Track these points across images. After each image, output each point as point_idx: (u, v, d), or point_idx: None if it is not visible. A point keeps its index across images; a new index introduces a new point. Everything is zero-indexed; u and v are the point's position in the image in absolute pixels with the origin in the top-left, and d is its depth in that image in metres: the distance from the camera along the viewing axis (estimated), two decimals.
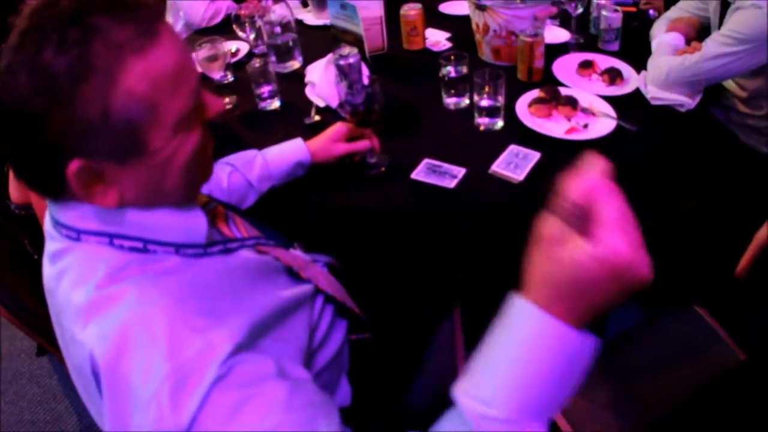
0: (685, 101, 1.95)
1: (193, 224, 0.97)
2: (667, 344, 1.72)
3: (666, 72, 1.92)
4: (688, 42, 2.10)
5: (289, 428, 0.78)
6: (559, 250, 0.71)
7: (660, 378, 1.60)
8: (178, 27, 2.97)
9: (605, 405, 1.58)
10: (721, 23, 2.01)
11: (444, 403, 1.55)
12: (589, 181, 0.73)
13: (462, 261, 1.73)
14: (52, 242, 0.95)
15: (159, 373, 0.76)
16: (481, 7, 2.11)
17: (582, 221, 0.70)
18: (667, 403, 1.56)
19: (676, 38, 2.10)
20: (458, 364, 1.80)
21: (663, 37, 2.11)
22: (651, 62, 2.04)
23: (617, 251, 0.66)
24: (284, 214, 1.61)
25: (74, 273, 0.89)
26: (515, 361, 0.72)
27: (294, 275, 1.15)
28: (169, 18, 3.03)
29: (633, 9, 2.72)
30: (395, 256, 1.66)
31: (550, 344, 0.72)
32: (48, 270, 0.96)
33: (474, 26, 2.23)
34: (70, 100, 0.77)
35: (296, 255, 1.23)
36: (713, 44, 1.86)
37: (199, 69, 2.12)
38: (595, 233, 0.68)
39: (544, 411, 0.73)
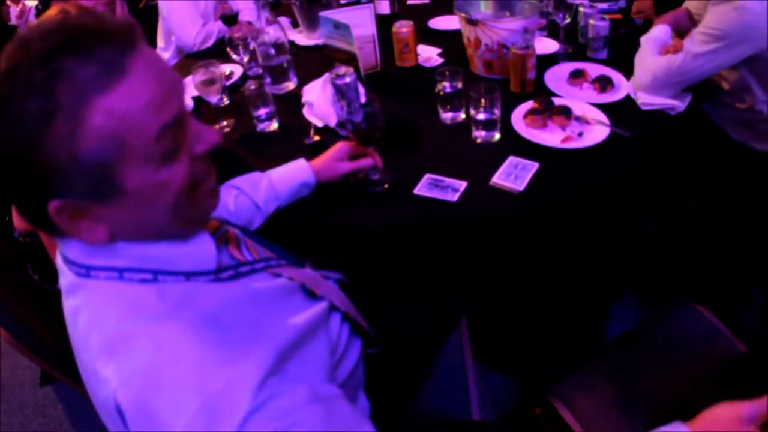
0: (675, 104, 2.00)
1: (201, 252, 0.98)
2: (669, 342, 1.75)
3: (652, 76, 1.98)
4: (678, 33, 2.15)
5: None
6: (743, 427, 0.94)
7: (665, 375, 1.63)
8: (170, 51, 3.00)
9: (613, 404, 1.61)
10: None
11: (451, 413, 1.59)
12: None
13: (467, 273, 1.76)
14: (64, 278, 0.96)
15: (189, 408, 0.77)
16: (473, 22, 2.16)
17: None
18: (673, 400, 1.58)
19: (663, 31, 2.15)
20: (468, 374, 1.84)
21: (650, 32, 2.17)
22: (638, 62, 2.09)
23: None
24: (290, 234, 1.64)
25: (89, 311, 0.90)
26: None
27: (309, 293, 1.16)
28: (161, 42, 3.07)
29: (619, 16, 2.78)
30: (401, 271, 1.70)
31: None
32: (64, 305, 0.96)
33: (465, 41, 2.27)
34: (40, 142, 0.76)
35: (308, 273, 1.25)
36: (692, 43, 1.90)
37: (196, 93, 2.16)
38: None
39: None
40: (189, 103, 2.24)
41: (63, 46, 0.76)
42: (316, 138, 1.98)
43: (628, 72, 2.16)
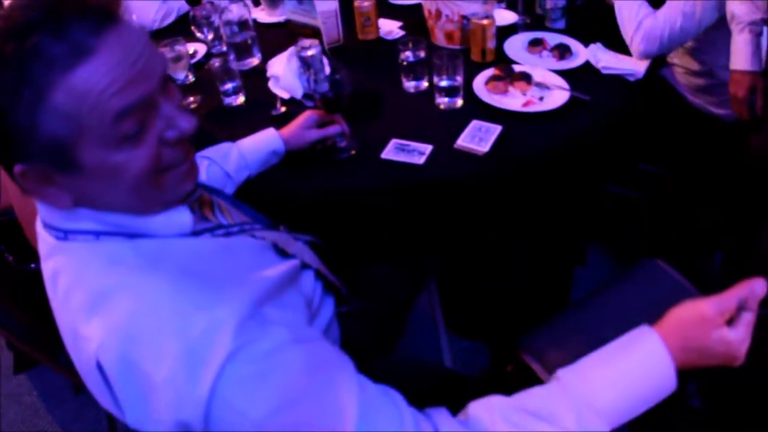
0: (635, 70, 2.08)
1: (176, 220, 1.00)
2: (634, 294, 1.81)
3: (659, 43, 2.11)
4: None
5: (313, 389, 0.84)
6: (708, 326, 0.95)
7: (630, 324, 1.69)
8: None
9: (583, 355, 1.68)
10: None
11: (425, 372, 1.64)
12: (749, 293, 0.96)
13: (436, 234, 1.82)
14: (43, 242, 0.99)
15: (170, 354, 0.80)
16: None
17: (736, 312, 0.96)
18: None
19: None
20: (439, 332, 1.91)
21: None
22: (632, 30, 2.16)
23: (742, 345, 0.95)
24: (262, 201, 1.68)
25: (69, 272, 0.93)
26: (628, 378, 0.95)
27: (280, 251, 1.20)
28: None
29: None
30: (371, 233, 1.75)
31: (656, 378, 0.95)
32: (44, 269, 0.99)
33: (426, 13, 2.33)
34: (6, 110, 0.79)
35: (281, 234, 1.30)
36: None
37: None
38: (735, 327, 0.95)
39: (619, 420, 0.94)
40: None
41: (41, 22, 0.78)
42: (283, 109, 2.02)
43: (586, 40, 2.25)
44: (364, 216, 1.72)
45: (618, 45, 2.22)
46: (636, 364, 0.95)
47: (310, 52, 1.91)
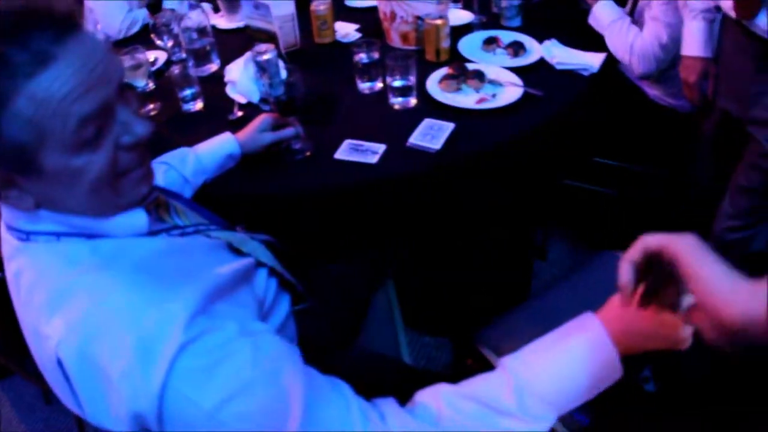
0: (588, 65, 2.14)
1: (133, 222, 1.04)
2: (591, 286, 1.85)
3: (650, 61, 2.25)
4: None
5: (260, 379, 0.88)
6: (651, 311, 0.95)
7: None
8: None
9: None
10: None
11: (383, 367, 1.68)
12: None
13: (392, 231, 1.86)
14: (6, 244, 1.02)
15: (124, 348, 0.84)
16: None
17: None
18: None
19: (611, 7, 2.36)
20: (397, 329, 1.94)
21: (602, 15, 2.36)
22: (620, 48, 2.30)
23: (684, 329, 0.94)
24: (221, 203, 1.71)
25: (31, 272, 0.96)
26: (569, 363, 0.96)
27: (235, 250, 1.24)
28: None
29: None
30: (327, 232, 1.78)
31: (599, 362, 0.95)
32: (7, 270, 1.02)
33: (382, 15, 2.37)
34: None
35: (235, 234, 1.33)
36: (662, 13, 2.18)
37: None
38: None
39: (565, 406, 0.96)
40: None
41: (4, 32, 0.81)
42: (240, 113, 2.05)
43: (540, 36, 2.31)
44: (319, 215, 1.76)
45: (573, 40, 2.28)
46: (577, 350, 0.96)
47: (265, 57, 1.95)
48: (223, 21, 2.76)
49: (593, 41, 2.35)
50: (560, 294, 1.83)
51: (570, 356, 0.96)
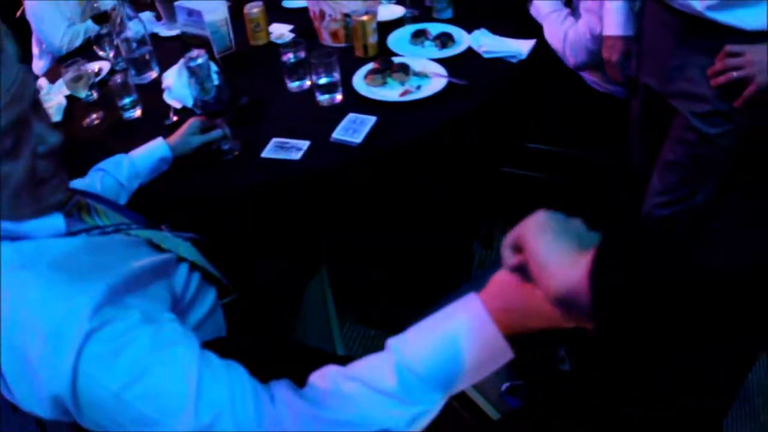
0: (516, 51, 2.23)
1: (51, 225, 1.15)
2: None
3: (586, 52, 2.32)
4: None
5: (158, 363, 0.98)
6: (528, 286, 0.89)
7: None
8: (45, 59, 3.13)
9: None
10: None
11: (315, 359, 1.77)
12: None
13: (322, 223, 1.96)
14: None
15: (41, 337, 0.95)
16: None
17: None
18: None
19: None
20: (331, 323, 2.04)
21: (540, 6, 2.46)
22: (555, 39, 2.39)
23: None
24: (156, 203, 1.82)
25: None
26: (450, 342, 0.94)
27: (155, 247, 1.34)
28: (36, 50, 3.19)
29: None
30: (257, 227, 1.88)
31: (480, 340, 0.93)
32: None
33: (312, 14, 2.47)
34: None
35: (155, 231, 1.43)
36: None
37: (67, 91, 2.31)
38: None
39: (451, 387, 0.95)
40: (56, 104, 2.38)
41: None
42: (175, 119, 2.15)
43: (470, 26, 2.41)
44: (249, 212, 1.85)
45: (505, 28, 2.38)
46: (456, 328, 0.94)
47: (197, 62, 2.03)
48: (164, 29, 2.85)
49: (526, 28, 2.44)
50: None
51: (451, 336, 0.95)
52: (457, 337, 0.93)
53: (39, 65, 3.21)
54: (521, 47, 2.27)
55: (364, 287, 2.48)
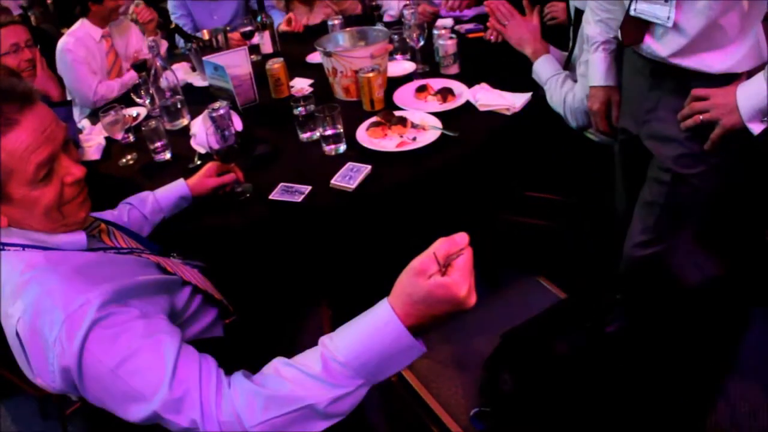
0: (511, 105, 2.49)
1: (75, 240, 1.50)
2: (505, 306, 2.14)
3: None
4: None
5: (147, 346, 1.28)
6: (423, 277, 1.09)
7: (496, 334, 1.95)
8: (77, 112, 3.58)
9: (449, 362, 1.98)
10: None
11: None
12: (450, 243, 1.11)
13: (322, 259, 2.24)
14: None
15: (58, 321, 1.24)
16: (328, 53, 2.67)
17: (445, 267, 1.10)
18: (502, 350, 1.94)
19: (551, 61, 2.65)
20: None
21: (542, 71, 2.64)
22: (561, 104, 2.56)
23: (458, 286, 1.07)
24: (176, 235, 2.13)
25: (4, 272, 1.40)
26: (364, 336, 1.16)
27: (162, 269, 1.66)
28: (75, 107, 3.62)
29: (481, 34, 3.28)
30: (263, 260, 2.18)
31: (390, 335, 1.14)
32: None
33: (326, 71, 2.78)
34: None
35: (165, 258, 1.74)
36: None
37: (105, 133, 2.67)
38: (449, 273, 1.09)
39: (370, 375, 1.17)
40: (96, 144, 2.73)
41: None
42: (198, 162, 2.48)
43: (472, 82, 2.69)
44: (255, 245, 2.15)
45: (504, 83, 2.64)
46: (367, 323, 1.17)
47: (218, 112, 2.35)
48: (198, 79, 3.22)
49: (527, 83, 2.67)
50: (476, 314, 2.01)
51: (362, 329, 1.17)
52: (366, 329, 1.16)
53: (78, 115, 3.62)
54: (515, 101, 2.52)
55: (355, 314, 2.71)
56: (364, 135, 2.41)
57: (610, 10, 2.15)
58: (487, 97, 2.56)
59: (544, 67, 2.63)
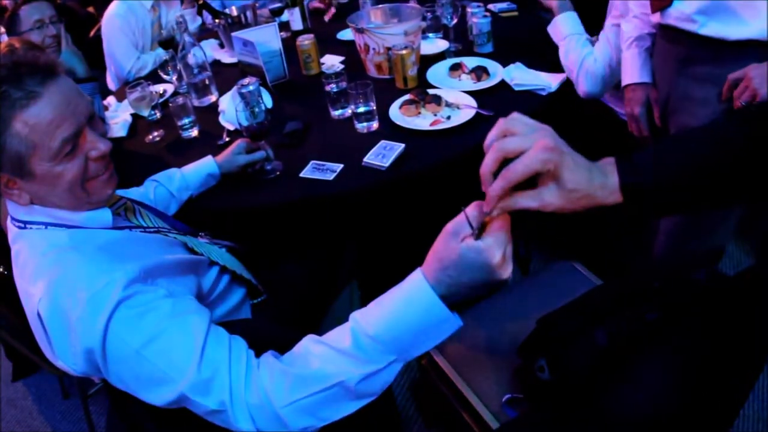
0: (546, 84, 2.45)
1: (101, 217, 1.48)
2: (540, 291, 2.10)
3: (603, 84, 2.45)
4: None
5: (174, 326, 1.27)
6: (454, 240, 1.04)
7: (530, 317, 1.85)
8: (111, 79, 3.55)
9: (481, 347, 1.96)
10: None
11: None
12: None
13: (351, 237, 2.21)
14: (10, 232, 1.46)
15: (81, 301, 1.22)
16: (360, 30, 2.65)
17: (479, 230, 1.03)
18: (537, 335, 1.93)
19: (573, 20, 2.59)
20: None
21: (561, 28, 2.58)
22: (576, 69, 2.50)
23: (491, 251, 1.00)
24: (204, 213, 2.13)
25: (26, 251, 1.38)
26: (394, 307, 1.11)
27: (189, 249, 1.66)
28: (110, 66, 3.60)
29: (515, 14, 3.24)
30: (293, 239, 2.16)
31: (421, 304, 1.08)
32: (12, 252, 1.44)
33: (358, 47, 2.76)
34: None
35: (191, 237, 1.73)
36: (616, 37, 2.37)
37: (132, 110, 2.66)
38: (485, 238, 1.02)
39: (403, 351, 1.12)
40: (122, 120, 2.72)
41: (7, 76, 1.25)
42: (227, 139, 2.47)
43: (506, 61, 2.64)
44: (285, 224, 2.13)
45: (539, 63, 2.60)
46: (398, 294, 1.11)
47: (247, 89, 2.33)
48: (226, 56, 3.20)
49: (559, 63, 2.62)
50: (509, 298, 2.07)
51: (395, 301, 1.11)
52: (398, 301, 1.11)
53: (111, 82, 3.61)
54: (551, 81, 2.48)
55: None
56: (397, 113, 2.39)
57: (647, 6, 2.10)
58: (523, 76, 2.53)
59: (566, 23, 2.57)
